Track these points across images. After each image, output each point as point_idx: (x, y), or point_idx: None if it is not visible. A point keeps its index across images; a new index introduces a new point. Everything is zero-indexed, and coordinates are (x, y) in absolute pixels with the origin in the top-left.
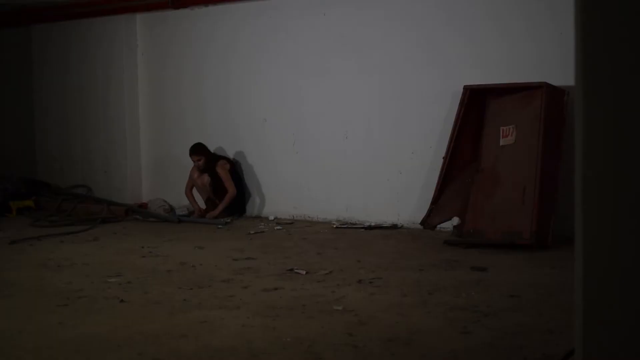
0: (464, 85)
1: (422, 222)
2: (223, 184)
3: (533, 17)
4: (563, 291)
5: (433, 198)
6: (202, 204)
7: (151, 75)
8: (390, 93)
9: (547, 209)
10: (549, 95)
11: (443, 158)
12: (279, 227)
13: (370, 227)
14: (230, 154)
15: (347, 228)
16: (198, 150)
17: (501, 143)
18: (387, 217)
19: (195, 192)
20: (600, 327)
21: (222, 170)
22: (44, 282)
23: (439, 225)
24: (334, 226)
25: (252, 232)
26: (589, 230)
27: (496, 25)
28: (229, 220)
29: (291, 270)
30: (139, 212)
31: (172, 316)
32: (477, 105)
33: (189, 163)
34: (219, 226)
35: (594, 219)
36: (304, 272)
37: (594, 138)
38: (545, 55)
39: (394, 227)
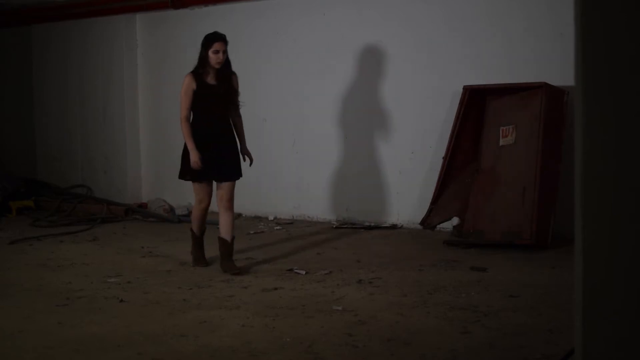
0: (464, 85)
1: (422, 222)
2: (233, 101)
3: (533, 17)
4: (562, 291)
5: (433, 198)
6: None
7: (151, 75)
8: (390, 93)
9: (547, 209)
10: (549, 95)
11: (443, 158)
12: (278, 227)
13: (370, 227)
14: None
15: (347, 228)
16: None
17: (501, 143)
18: (387, 217)
19: None
20: (600, 327)
21: (237, 84)
22: (43, 282)
23: (438, 225)
24: (334, 226)
25: (252, 232)
26: (589, 230)
27: (496, 25)
28: None
29: (291, 270)
30: (139, 212)
31: (172, 316)
32: (477, 105)
33: None
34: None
35: (594, 219)
36: (304, 272)
37: (594, 138)
38: (545, 55)
39: (394, 227)
